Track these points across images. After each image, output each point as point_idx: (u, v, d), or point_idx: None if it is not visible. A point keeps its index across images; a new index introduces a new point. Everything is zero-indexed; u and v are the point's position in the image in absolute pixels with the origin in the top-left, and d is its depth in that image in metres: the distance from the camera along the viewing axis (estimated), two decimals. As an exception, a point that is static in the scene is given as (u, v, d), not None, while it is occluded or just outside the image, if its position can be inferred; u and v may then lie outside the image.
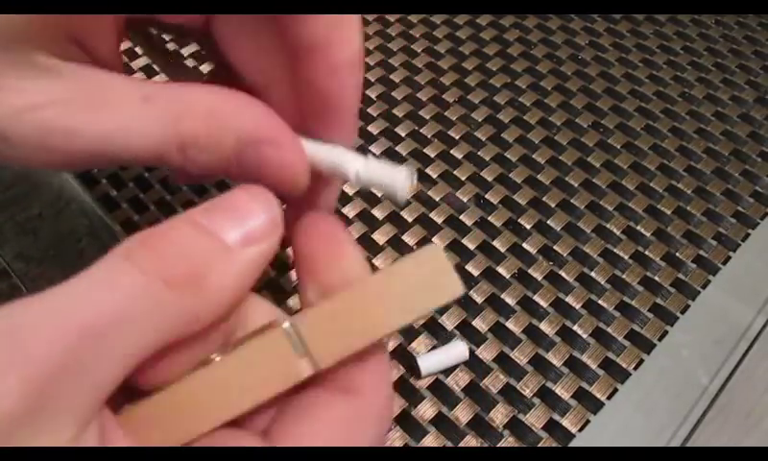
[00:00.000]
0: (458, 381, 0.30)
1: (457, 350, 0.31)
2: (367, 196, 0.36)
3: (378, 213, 0.36)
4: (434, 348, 0.31)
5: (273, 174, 0.20)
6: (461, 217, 0.36)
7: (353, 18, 0.21)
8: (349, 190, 0.37)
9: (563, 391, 0.30)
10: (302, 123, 0.22)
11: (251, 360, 0.18)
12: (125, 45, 0.42)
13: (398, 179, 0.21)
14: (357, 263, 0.19)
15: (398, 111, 0.41)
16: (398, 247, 0.35)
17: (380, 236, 0.35)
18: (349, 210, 0.36)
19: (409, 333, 0.31)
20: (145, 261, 0.16)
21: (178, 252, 0.17)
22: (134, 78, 0.21)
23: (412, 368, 0.30)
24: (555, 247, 0.35)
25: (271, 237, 0.18)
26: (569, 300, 0.33)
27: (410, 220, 0.36)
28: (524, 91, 0.42)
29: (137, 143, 0.19)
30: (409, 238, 0.35)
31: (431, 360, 0.30)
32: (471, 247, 0.35)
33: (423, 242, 0.35)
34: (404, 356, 0.31)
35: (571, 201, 0.37)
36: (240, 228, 0.18)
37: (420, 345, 0.31)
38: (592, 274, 0.34)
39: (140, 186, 0.36)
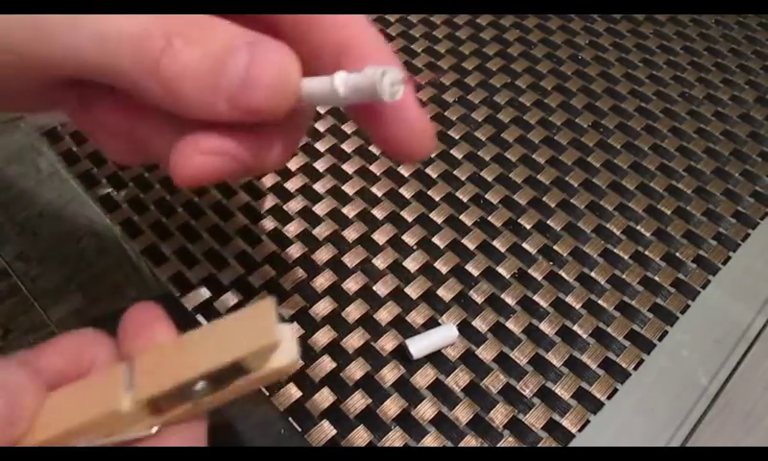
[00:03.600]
0: (458, 381, 0.30)
1: (446, 329, 0.31)
2: (367, 196, 0.36)
3: (378, 213, 0.36)
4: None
5: (265, 75, 0.18)
6: (461, 217, 0.36)
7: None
8: (350, 190, 0.37)
9: (563, 391, 0.30)
10: None
11: (86, 387, 0.20)
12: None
13: (383, 78, 0.19)
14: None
15: (398, 111, 0.40)
16: (399, 247, 0.35)
17: (380, 236, 0.35)
18: (349, 210, 0.36)
19: (407, 334, 0.31)
20: None
21: None
22: None
23: (405, 357, 0.30)
24: (555, 247, 0.35)
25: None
26: (569, 300, 0.33)
27: (410, 220, 0.36)
28: (524, 91, 0.42)
29: (125, 23, 0.18)
30: (409, 238, 0.35)
31: (422, 342, 0.31)
32: (471, 247, 0.35)
33: (423, 242, 0.35)
34: (403, 356, 0.31)
35: (571, 201, 0.37)
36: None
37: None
38: (592, 274, 0.34)
39: (140, 186, 0.36)
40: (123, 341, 0.20)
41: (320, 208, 0.36)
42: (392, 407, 0.29)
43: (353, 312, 0.32)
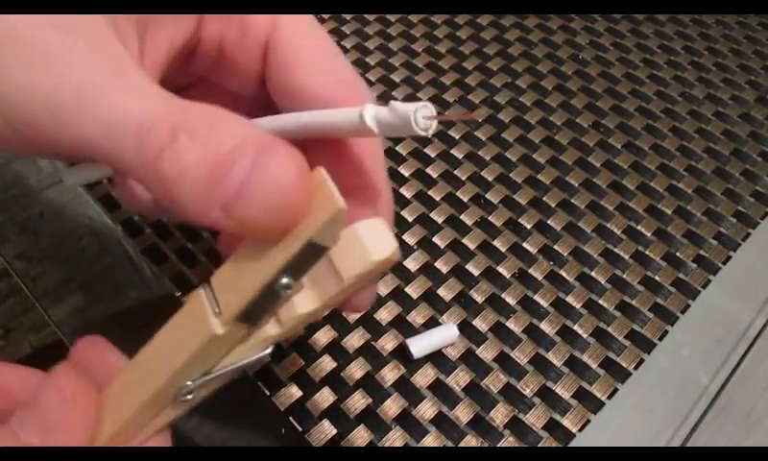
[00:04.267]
0: (458, 381, 0.30)
1: (446, 329, 0.31)
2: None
3: (378, 213, 0.36)
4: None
5: (266, 189, 0.17)
6: (461, 217, 0.36)
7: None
8: (350, 190, 0.37)
9: (563, 391, 0.30)
10: None
11: (174, 328, 0.19)
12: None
13: (417, 113, 0.18)
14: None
15: (399, 111, 0.40)
16: (398, 247, 0.34)
17: (380, 236, 0.35)
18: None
19: (408, 333, 0.31)
20: None
21: None
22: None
23: (405, 357, 0.30)
24: (555, 247, 0.35)
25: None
26: (570, 299, 0.33)
27: (410, 220, 0.36)
28: (524, 91, 0.42)
29: (135, 107, 0.17)
30: (409, 238, 0.35)
31: (423, 342, 0.31)
32: (471, 247, 0.35)
33: (424, 242, 0.35)
34: (404, 356, 0.31)
35: (571, 201, 0.37)
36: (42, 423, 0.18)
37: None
38: (593, 273, 0.34)
39: (141, 186, 0.36)
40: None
41: (320, 208, 0.36)
42: (392, 407, 0.29)
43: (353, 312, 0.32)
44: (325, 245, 0.17)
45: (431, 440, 0.29)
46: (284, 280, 0.17)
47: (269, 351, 0.19)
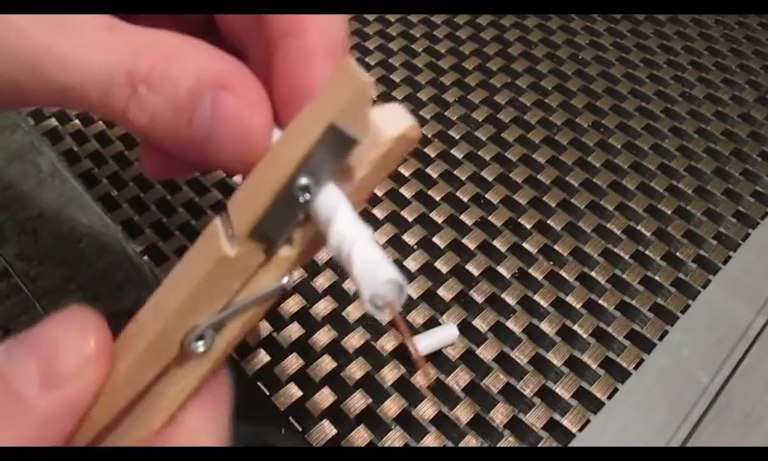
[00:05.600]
0: (458, 381, 0.30)
1: (446, 329, 0.31)
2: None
3: (379, 213, 0.36)
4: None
5: (227, 132, 0.17)
6: (461, 217, 0.36)
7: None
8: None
9: (563, 391, 0.30)
10: (277, 119, 0.19)
11: (185, 261, 0.17)
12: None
13: (382, 276, 0.15)
14: None
15: (399, 111, 0.40)
16: (399, 247, 0.35)
17: (380, 236, 0.35)
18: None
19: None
20: None
21: None
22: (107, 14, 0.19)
23: (406, 357, 0.30)
24: (555, 247, 0.35)
25: (83, 377, 0.16)
26: (570, 299, 0.33)
27: (410, 220, 0.36)
28: (524, 91, 0.42)
29: (89, 68, 0.17)
30: (409, 238, 0.35)
31: (422, 342, 0.31)
32: (471, 247, 0.35)
33: (423, 242, 0.35)
34: (403, 356, 0.31)
35: (571, 201, 0.37)
36: (41, 370, 0.15)
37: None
38: (593, 274, 0.34)
39: (140, 186, 0.36)
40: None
41: (320, 208, 0.36)
42: (392, 407, 0.29)
43: (353, 312, 0.32)
44: (353, 135, 0.15)
45: (431, 440, 0.29)
46: (302, 181, 0.15)
47: (286, 280, 0.17)
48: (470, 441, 0.29)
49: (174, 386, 0.17)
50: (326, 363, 0.31)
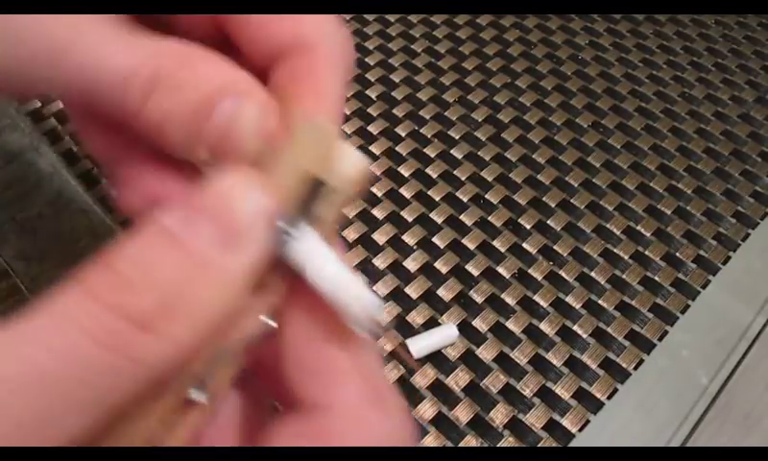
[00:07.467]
0: (458, 381, 0.30)
1: (446, 329, 0.31)
2: (367, 196, 0.36)
3: (378, 213, 0.36)
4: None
5: (244, 136, 0.18)
6: (461, 217, 0.36)
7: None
8: (349, 190, 0.37)
9: (563, 391, 0.30)
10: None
11: None
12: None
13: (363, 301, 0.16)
14: None
15: (398, 111, 0.40)
16: (399, 247, 0.35)
17: (380, 236, 0.35)
18: (350, 210, 0.36)
19: (407, 333, 0.31)
20: (108, 293, 0.15)
21: (146, 279, 0.14)
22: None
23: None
24: (555, 247, 0.35)
25: (258, 235, 0.16)
26: (569, 300, 0.33)
27: (410, 220, 0.36)
28: (524, 91, 0.42)
29: (107, 64, 0.18)
30: (409, 238, 0.35)
31: (421, 342, 0.31)
32: (471, 247, 0.35)
33: (424, 242, 0.35)
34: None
35: (571, 201, 0.37)
36: (222, 231, 0.15)
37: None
38: (592, 274, 0.34)
39: (140, 186, 0.36)
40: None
41: (320, 208, 0.36)
42: (392, 407, 0.29)
43: (353, 312, 0.32)
44: (325, 180, 0.16)
45: (431, 440, 0.29)
46: (280, 224, 0.16)
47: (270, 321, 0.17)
48: (470, 441, 0.29)
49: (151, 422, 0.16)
50: (326, 363, 0.31)
